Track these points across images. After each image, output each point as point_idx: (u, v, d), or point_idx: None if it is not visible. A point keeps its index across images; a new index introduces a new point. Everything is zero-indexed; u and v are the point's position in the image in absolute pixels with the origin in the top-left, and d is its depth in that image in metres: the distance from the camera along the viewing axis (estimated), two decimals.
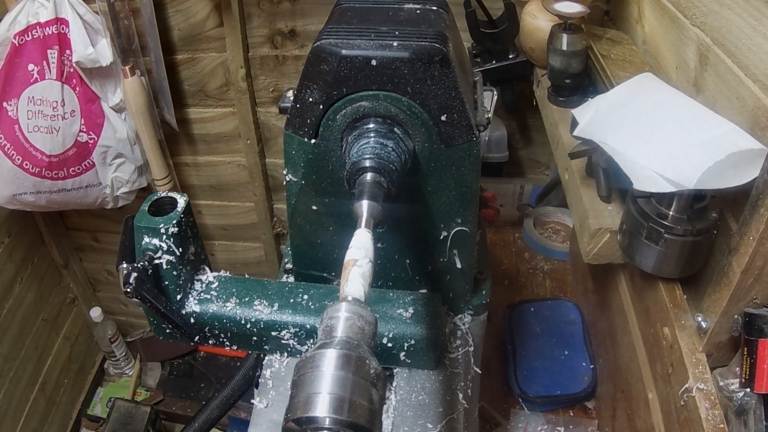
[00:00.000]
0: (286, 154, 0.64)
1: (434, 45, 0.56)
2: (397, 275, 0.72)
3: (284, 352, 0.70)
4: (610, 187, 0.82)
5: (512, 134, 1.46)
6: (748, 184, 0.57)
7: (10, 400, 1.67)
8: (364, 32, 0.58)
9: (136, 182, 1.56)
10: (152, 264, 0.64)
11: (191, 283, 0.69)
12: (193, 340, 0.71)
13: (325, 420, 0.37)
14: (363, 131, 0.58)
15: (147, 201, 0.66)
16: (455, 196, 0.63)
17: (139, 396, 2.05)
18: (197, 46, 1.43)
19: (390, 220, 0.61)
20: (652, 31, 0.93)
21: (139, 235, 0.64)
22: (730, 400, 0.60)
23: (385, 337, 0.66)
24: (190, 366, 2.05)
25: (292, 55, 1.42)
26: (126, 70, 1.36)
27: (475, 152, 0.61)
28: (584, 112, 0.78)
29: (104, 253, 1.94)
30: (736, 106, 0.64)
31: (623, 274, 0.92)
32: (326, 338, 0.42)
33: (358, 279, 0.45)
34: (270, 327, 0.68)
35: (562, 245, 1.40)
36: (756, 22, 0.60)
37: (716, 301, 0.61)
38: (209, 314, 0.68)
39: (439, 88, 0.57)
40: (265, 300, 0.69)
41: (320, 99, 0.58)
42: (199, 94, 1.52)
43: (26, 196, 1.43)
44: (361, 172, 0.54)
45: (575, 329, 1.19)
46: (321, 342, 0.41)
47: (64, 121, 1.36)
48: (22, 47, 1.29)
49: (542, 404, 1.09)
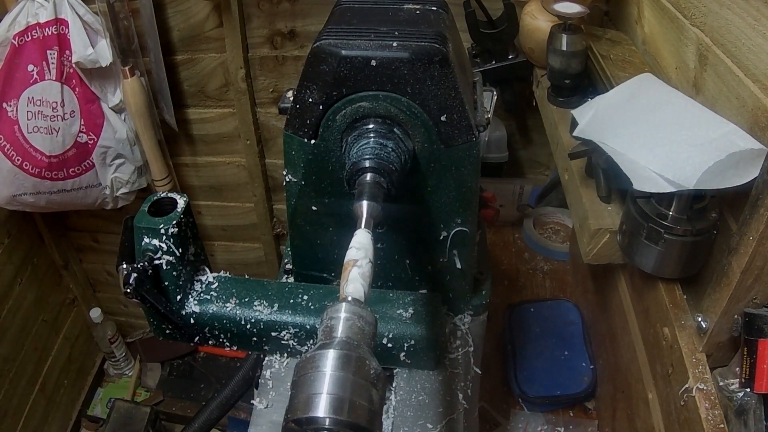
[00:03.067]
0: (286, 154, 0.64)
1: (434, 45, 0.56)
2: (397, 275, 0.72)
3: (284, 352, 0.70)
4: (610, 187, 0.82)
5: (512, 134, 1.46)
6: (748, 184, 0.57)
7: (10, 401, 1.67)
8: (363, 32, 0.58)
9: (135, 183, 1.56)
10: (152, 264, 0.63)
11: (191, 283, 0.69)
12: (193, 341, 0.71)
13: (325, 420, 0.37)
14: (363, 132, 0.58)
15: (147, 201, 0.66)
16: (455, 196, 0.63)
17: (139, 396, 2.05)
18: (197, 46, 1.43)
19: (390, 220, 0.61)
20: (651, 32, 0.93)
21: (138, 235, 0.64)
22: (730, 400, 0.60)
23: (385, 337, 0.66)
24: (190, 366, 2.05)
25: (292, 55, 1.42)
26: (126, 71, 1.36)
27: (475, 152, 0.61)
28: (584, 113, 0.79)
29: (104, 254, 1.94)
30: (736, 107, 0.64)
31: (623, 275, 0.92)
32: (326, 339, 0.42)
33: (358, 279, 0.45)
34: (270, 327, 0.68)
35: (562, 245, 1.40)
36: (755, 22, 0.60)
37: (716, 301, 0.61)
38: (209, 315, 0.68)
39: (439, 89, 0.57)
40: (265, 300, 0.69)
41: (320, 99, 0.58)
42: (198, 94, 1.52)
43: (26, 196, 1.43)
44: (361, 172, 0.54)
45: (575, 329, 1.19)
46: (321, 342, 0.41)
47: (64, 122, 1.36)
48: (22, 48, 1.29)
49: (542, 404, 1.09)
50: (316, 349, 0.40)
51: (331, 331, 0.42)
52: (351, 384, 0.38)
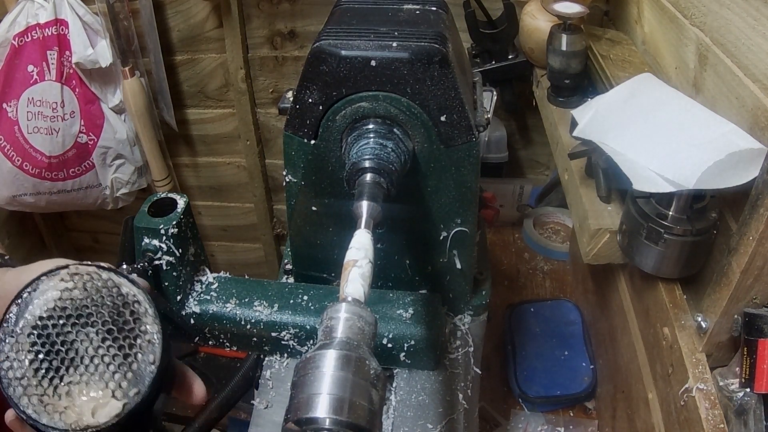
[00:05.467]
0: (286, 154, 0.64)
1: (433, 45, 0.56)
2: (396, 276, 0.72)
3: (284, 352, 0.70)
4: (610, 187, 0.82)
5: (512, 135, 1.46)
6: (748, 184, 0.57)
7: None
8: (363, 33, 0.58)
9: (135, 183, 1.56)
10: (152, 265, 0.64)
11: (191, 284, 0.69)
12: (193, 341, 0.71)
13: (325, 421, 0.37)
14: (362, 132, 0.58)
15: (147, 202, 0.66)
16: (455, 196, 0.63)
17: None
18: (197, 47, 1.43)
19: (390, 220, 0.61)
20: (651, 32, 0.93)
21: (138, 236, 0.64)
22: (730, 400, 0.60)
23: (385, 337, 0.66)
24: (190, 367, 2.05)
25: (292, 56, 1.42)
26: (126, 71, 1.36)
27: (475, 153, 0.61)
28: (584, 113, 0.79)
29: (104, 254, 1.94)
30: (736, 106, 0.64)
31: (623, 275, 0.92)
32: (326, 339, 0.42)
33: (358, 279, 0.45)
34: (270, 328, 0.68)
35: (562, 245, 1.40)
36: (755, 21, 0.60)
37: (716, 301, 0.61)
38: (209, 315, 0.68)
39: (439, 89, 0.57)
40: (265, 301, 0.69)
41: (320, 100, 0.58)
42: (198, 95, 1.52)
43: (26, 197, 1.43)
44: (361, 172, 0.54)
45: (575, 329, 1.19)
46: (321, 343, 0.41)
47: (64, 122, 1.36)
48: (22, 48, 1.29)
49: (542, 405, 1.09)
50: (316, 350, 0.40)
51: (331, 331, 0.42)
52: (351, 384, 0.38)
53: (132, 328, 0.49)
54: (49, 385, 0.47)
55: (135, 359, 0.49)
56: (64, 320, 0.48)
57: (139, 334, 0.49)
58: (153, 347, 0.49)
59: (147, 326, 0.50)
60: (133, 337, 0.49)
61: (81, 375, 0.48)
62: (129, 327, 0.49)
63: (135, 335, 0.49)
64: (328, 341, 0.41)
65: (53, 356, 0.47)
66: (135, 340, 0.49)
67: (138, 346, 0.49)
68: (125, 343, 0.49)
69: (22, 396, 0.46)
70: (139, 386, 0.48)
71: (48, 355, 0.47)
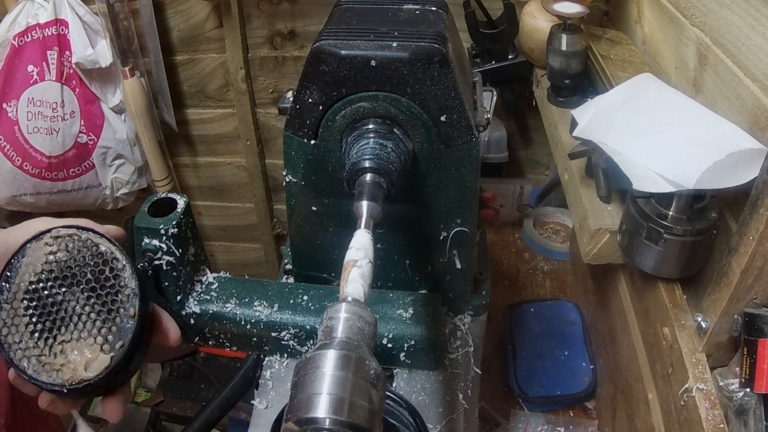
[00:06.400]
0: (286, 155, 0.64)
1: (433, 45, 0.56)
2: (396, 276, 0.72)
3: (284, 352, 0.70)
4: (610, 187, 0.82)
5: (512, 135, 1.46)
6: (748, 184, 0.57)
7: None
8: (363, 33, 0.58)
9: (135, 183, 1.56)
10: (152, 265, 0.64)
11: (191, 284, 0.69)
12: (193, 341, 0.71)
13: (325, 421, 0.37)
14: (362, 132, 0.58)
15: (147, 202, 0.66)
16: (455, 196, 0.63)
17: (140, 397, 2.05)
18: (197, 47, 1.43)
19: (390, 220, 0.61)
20: (651, 32, 0.93)
21: (138, 236, 0.64)
22: (730, 400, 0.60)
23: (385, 337, 0.66)
24: (190, 367, 2.04)
25: (292, 56, 1.42)
26: (126, 71, 1.36)
27: (475, 153, 0.61)
28: (584, 113, 0.79)
29: None
30: (736, 106, 0.64)
31: (623, 275, 0.92)
32: (326, 339, 0.42)
33: (358, 279, 0.45)
34: (270, 328, 0.68)
35: (562, 245, 1.40)
36: (755, 21, 0.60)
37: (716, 301, 0.61)
38: (209, 315, 0.68)
39: (439, 89, 0.57)
40: (265, 301, 0.69)
41: (320, 100, 0.58)
42: (198, 95, 1.52)
43: (26, 197, 1.43)
44: (361, 172, 0.54)
45: (575, 329, 1.19)
46: (321, 343, 0.41)
47: (64, 122, 1.36)
48: (22, 48, 1.29)
49: (542, 405, 1.09)
50: (316, 350, 0.40)
51: (331, 331, 0.42)
52: (351, 384, 0.38)
53: (113, 284, 0.52)
54: (45, 346, 0.50)
55: (117, 313, 0.51)
56: (52, 282, 0.51)
57: (119, 290, 0.52)
58: (132, 301, 0.52)
59: (125, 281, 0.52)
60: (114, 292, 0.52)
61: (71, 333, 0.51)
62: (110, 283, 0.52)
63: (116, 291, 0.52)
64: (328, 341, 0.41)
65: (46, 318, 0.51)
66: (116, 295, 0.52)
67: (120, 301, 0.52)
68: (108, 299, 0.52)
69: (22, 358, 0.50)
70: (123, 339, 0.51)
71: (41, 317, 0.50)
